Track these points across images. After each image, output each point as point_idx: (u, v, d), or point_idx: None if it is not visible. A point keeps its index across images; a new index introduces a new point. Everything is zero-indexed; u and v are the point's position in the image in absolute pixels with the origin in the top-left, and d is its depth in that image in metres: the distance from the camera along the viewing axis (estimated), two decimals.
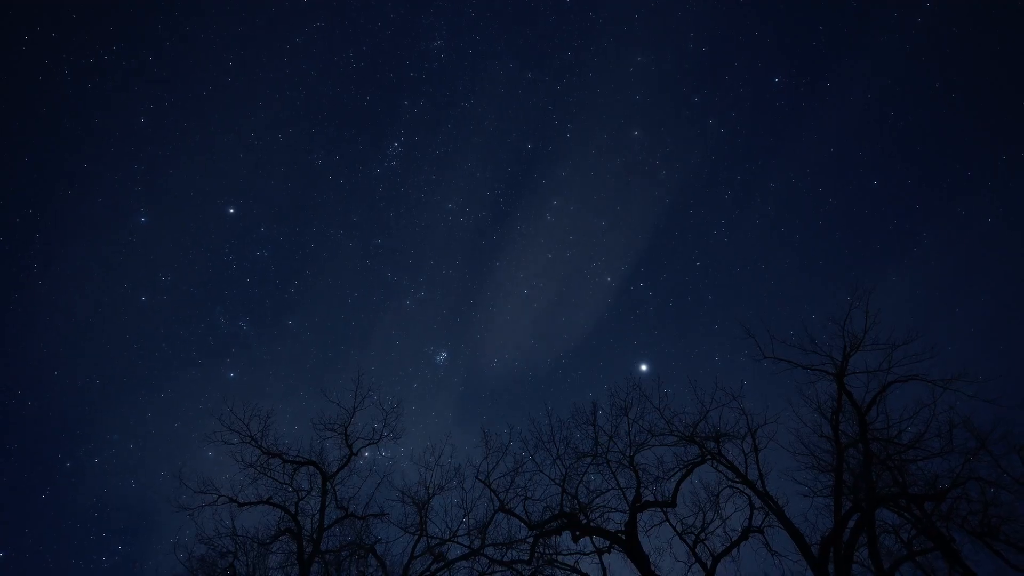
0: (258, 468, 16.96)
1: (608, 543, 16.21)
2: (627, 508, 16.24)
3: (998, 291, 34.15)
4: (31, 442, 34.85)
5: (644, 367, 36.28)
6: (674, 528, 16.44)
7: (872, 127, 36.49)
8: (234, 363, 38.91)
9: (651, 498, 16.53)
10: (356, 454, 17.49)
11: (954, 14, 32.79)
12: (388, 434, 17.80)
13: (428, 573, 16.18)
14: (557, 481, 16.94)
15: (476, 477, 17.10)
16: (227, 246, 39.21)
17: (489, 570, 16.15)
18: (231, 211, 38.72)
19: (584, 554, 16.45)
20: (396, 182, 40.51)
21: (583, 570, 16.29)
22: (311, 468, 17.31)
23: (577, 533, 16.21)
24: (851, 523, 14.31)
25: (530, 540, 16.22)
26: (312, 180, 40.21)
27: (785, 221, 38.94)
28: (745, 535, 15.78)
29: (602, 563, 16.25)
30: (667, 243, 40.79)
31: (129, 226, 36.93)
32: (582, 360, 40.88)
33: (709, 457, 16.32)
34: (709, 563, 15.74)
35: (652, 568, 15.40)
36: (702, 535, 16.23)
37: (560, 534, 16.57)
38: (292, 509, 16.80)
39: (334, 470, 17.31)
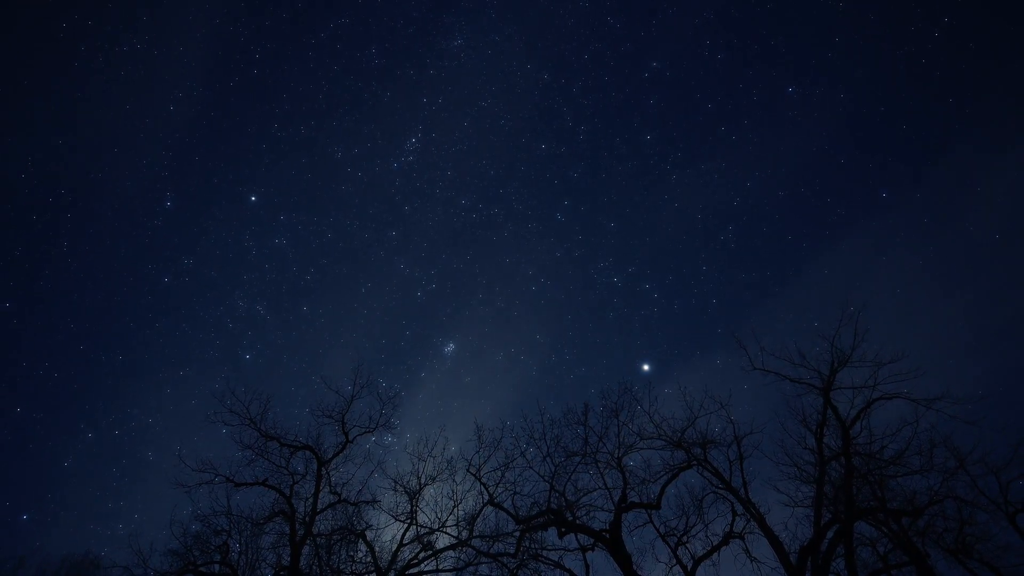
0: (256, 450, 16.97)
1: (592, 541, 16.21)
2: (613, 508, 16.24)
3: (991, 312, 34.07)
4: (56, 412, 35.63)
5: (646, 367, 36.32)
6: (657, 530, 16.46)
7: (884, 139, 36.43)
8: (250, 345, 39.35)
9: (636, 499, 16.54)
10: (352, 441, 17.49)
11: (971, 28, 32.49)
12: (395, 422, 17.80)
13: (416, 561, 16.19)
14: (546, 478, 16.96)
15: (467, 470, 17.12)
16: (247, 232, 39.89)
17: (475, 561, 16.16)
18: (252, 199, 39.29)
19: (568, 550, 16.46)
20: (412, 177, 40.85)
21: (567, 566, 16.29)
22: (307, 453, 17.31)
23: (563, 530, 16.21)
24: (830, 534, 14.32)
25: (517, 534, 16.23)
26: (331, 172, 40.60)
27: (792, 229, 38.92)
28: (726, 540, 15.79)
29: (586, 560, 16.26)
30: (674, 246, 40.87)
31: (155, 209, 37.81)
32: (586, 358, 41.05)
33: (695, 462, 16.32)
34: (690, 566, 15.75)
35: (634, 568, 15.41)
36: (684, 538, 16.25)
37: (546, 530, 16.57)
38: (287, 492, 16.80)
39: (330, 456, 17.31)
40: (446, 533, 16.53)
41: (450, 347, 39.76)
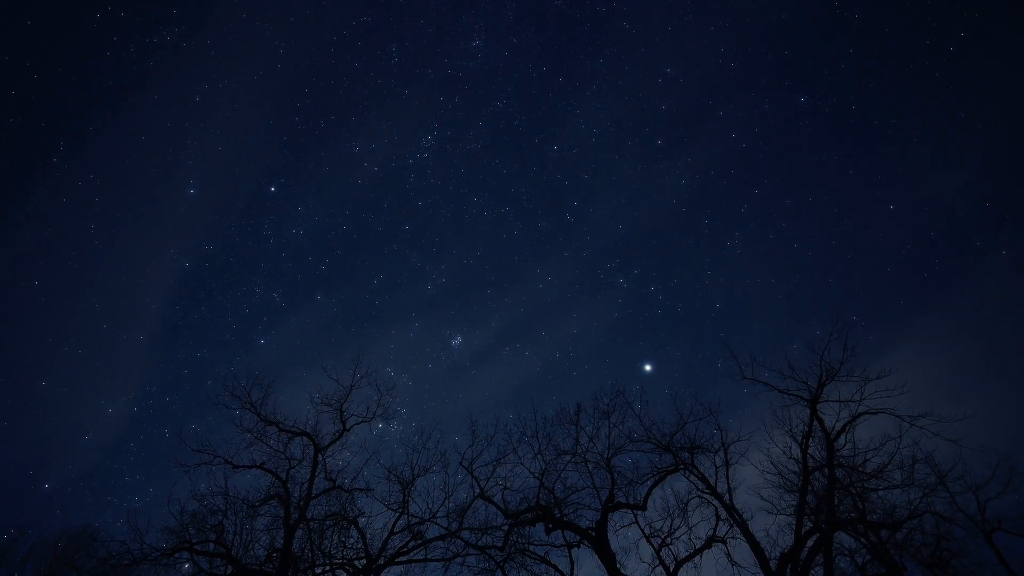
0: (255, 434, 16.97)
1: (578, 538, 16.24)
2: (600, 507, 16.25)
3: (982, 331, 33.84)
4: (78, 388, 36.54)
5: (648, 367, 36.18)
6: (642, 530, 16.47)
7: (894, 152, 36.06)
8: (265, 331, 39.94)
9: (623, 500, 16.56)
10: (349, 430, 17.48)
11: (986, 43, 32.03)
12: (401, 411, 17.78)
13: (405, 549, 16.20)
14: (536, 475, 16.98)
15: (460, 463, 17.12)
16: (266, 221, 40.62)
17: (463, 552, 16.16)
18: (272, 189, 40.03)
19: (555, 546, 16.48)
20: (427, 173, 41.10)
21: (552, 562, 16.32)
22: (305, 439, 17.30)
23: (550, 526, 16.23)
24: (810, 542, 14.34)
25: (505, 528, 16.24)
26: (348, 166, 41.03)
27: (799, 238, 38.50)
28: (709, 544, 15.80)
29: (571, 557, 16.28)
30: (681, 250, 40.74)
31: (179, 196, 38.33)
32: (589, 356, 41.11)
33: (682, 466, 16.34)
34: (672, 567, 15.76)
35: (618, 566, 15.42)
36: (668, 540, 16.26)
37: (534, 525, 16.60)
38: (283, 476, 16.80)
39: (327, 443, 17.30)
40: (436, 524, 16.55)
41: (457, 340, 39.92)
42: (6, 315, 35.94)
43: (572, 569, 16.19)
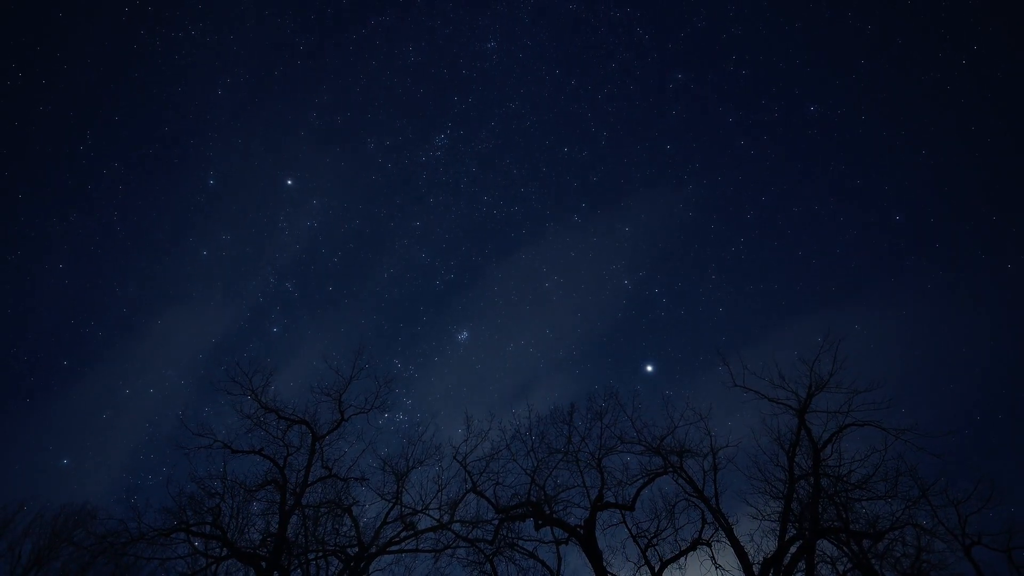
0: (254, 420, 17.09)
1: (567, 535, 16.33)
2: (589, 506, 16.35)
3: (988, 344, 33.68)
4: (97, 369, 37.11)
5: (650, 368, 36.34)
6: (629, 530, 16.55)
7: (902, 163, 36.00)
8: (278, 320, 40.40)
9: (612, 500, 16.65)
10: (346, 420, 17.59)
11: (999, 58, 31.87)
12: (406, 401, 17.90)
13: (397, 540, 16.30)
14: (528, 471, 17.07)
15: (454, 457, 17.23)
16: (282, 213, 40.84)
17: (454, 544, 16.27)
18: (289, 182, 40.37)
19: (543, 542, 16.58)
20: (439, 171, 41.46)
21: (540, 557, 16.41)
22: (303, 427, 17.42)
23: (540, 522, 16.33)
24: (793, 549, 14.43)
25: (495, 522, 16.34)
26: (363, 161, 41.45)
27: (804, 246, 38.40)
28: (694, 546, 15.88)
29: (559, 553, 16.38)
30: (686, 254, 40.71)
31: (198, 186, 38.93)
32: (591, 355, 41.34)
33: (671, 469, 16.43)
34: (657, 567, 15.85)
35: (604, 564, 15.51)
36: (654, 540, 16.33)
37: (524, 521, 16.70)
38: (280, 463, 16.92)
39: (324, 432, 17.41)
40: (428, 515, 16.67)
41: (464, 335, 40.20)
42: (31, 297, 36.84)
43: (559, 565, 16.29)
